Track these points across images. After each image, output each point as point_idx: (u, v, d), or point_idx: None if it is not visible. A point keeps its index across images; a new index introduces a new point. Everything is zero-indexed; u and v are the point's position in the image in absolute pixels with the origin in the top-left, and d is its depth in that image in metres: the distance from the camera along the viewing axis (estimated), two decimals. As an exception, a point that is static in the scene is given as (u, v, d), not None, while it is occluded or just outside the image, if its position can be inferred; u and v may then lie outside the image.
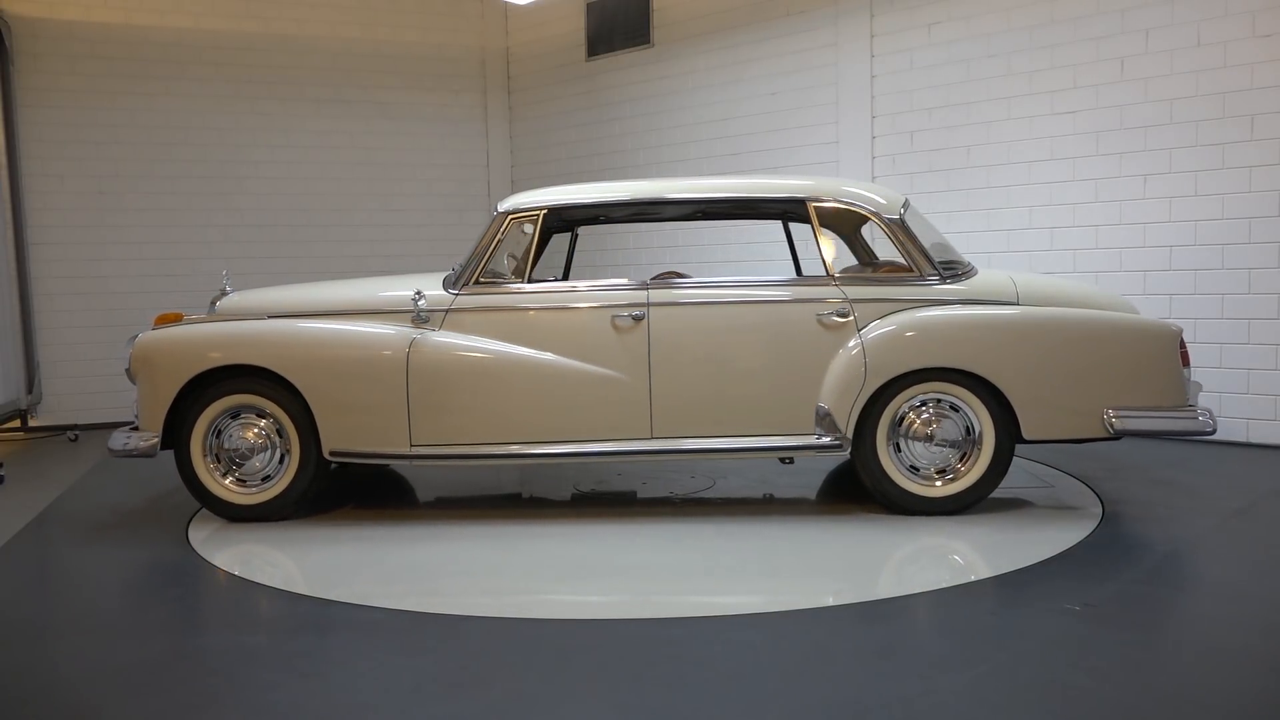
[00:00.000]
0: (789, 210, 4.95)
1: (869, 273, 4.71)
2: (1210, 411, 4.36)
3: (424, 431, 4.47)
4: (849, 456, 4.42)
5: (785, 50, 7.88)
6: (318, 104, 9.15)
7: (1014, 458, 4.40)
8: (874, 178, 7.36)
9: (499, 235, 4.63)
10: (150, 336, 4.59)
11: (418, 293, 4.60)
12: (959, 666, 2.76)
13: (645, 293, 4.51)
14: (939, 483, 4.40)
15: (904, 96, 7.22)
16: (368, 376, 4.47)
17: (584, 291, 4.59)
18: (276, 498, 4.53)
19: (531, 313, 4.56)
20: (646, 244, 8.76)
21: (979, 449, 4.36)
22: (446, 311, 4.59)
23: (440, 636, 3.12)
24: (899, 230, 4.49)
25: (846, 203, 4.60)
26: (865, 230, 5.18)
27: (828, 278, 4.48)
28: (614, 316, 4.47)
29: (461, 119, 9.70)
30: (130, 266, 8.57)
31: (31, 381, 8.07)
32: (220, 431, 4.52)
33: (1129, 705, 2.53)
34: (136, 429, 4.52)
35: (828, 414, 4.35)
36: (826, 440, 4.36)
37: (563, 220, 5.02)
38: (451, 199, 9.64)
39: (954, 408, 4.37)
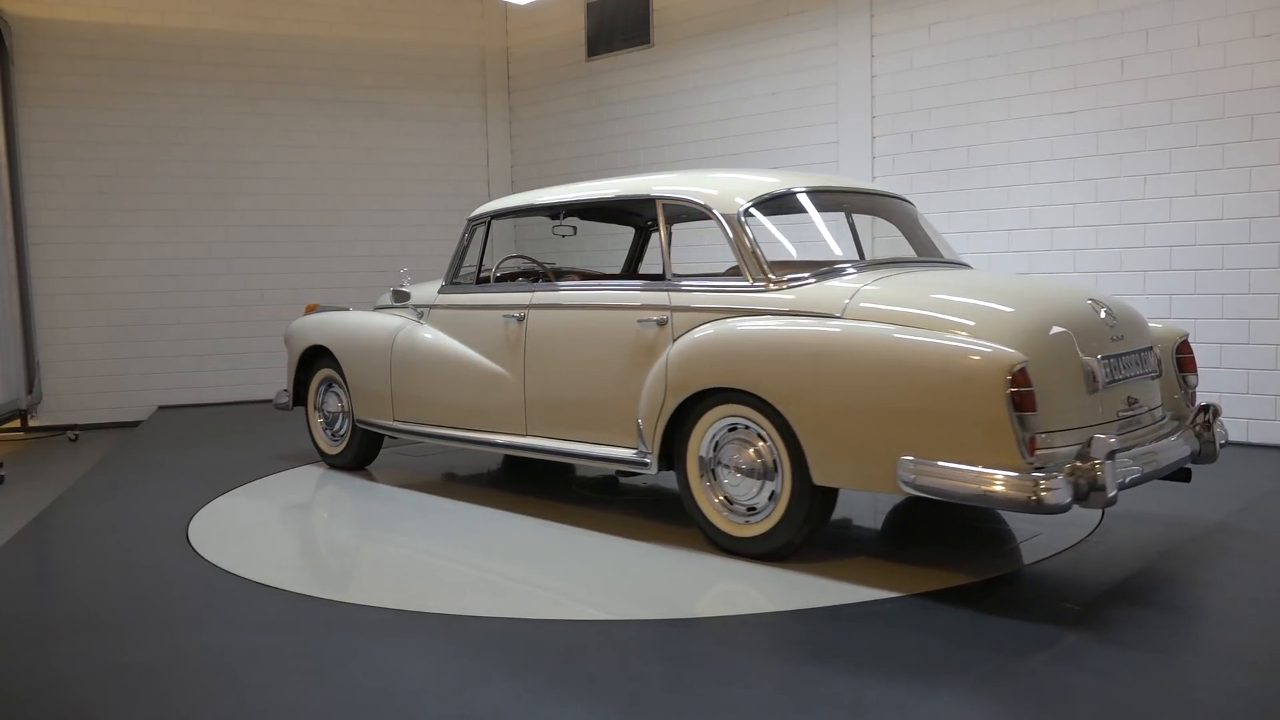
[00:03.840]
0: (646, 210, 4.69)
1: (707, 277, 4.22)
2: (1098, 479, 3.05)
3: (400, 409, 5.27)
4: (655, 475, 4.13)
5: (785, 50, 7.88)
6: (318, 104, 9.16)
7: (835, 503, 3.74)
8: (874, 178, 7.36)
9: (465, 240, 5.22)
10: (294, 322, 6.05)
11: (398, 291, 5.45)
12: (960, 667, 2.76)
13: (529, 294, 4.72)
14: (748, 521, 3.80)
15: (904, 96, 7.22)
16: (372, 358, 5.40)
17: (494, 294, 4.94)
18: (343, 451, 5.73)
19: (467, 312, 5.05)
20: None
21: (781, 487, 3.69)
22: (430, 308, 5.30)
23: (440, 636, 3.12)
24: (735, 228, 4.00)
25: (683, 198, 4.23)
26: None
27: (664, 281, 4.17)
28: (504, 316, 4.77)
29: (461, 119, 9.71)
30: (130, 266, 8.58)
31: (31, 381, 8.08)
32: (324, 394, 5.84)
33: (1129, 705, 2.53)
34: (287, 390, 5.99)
35: (640, 430, 4.06)
36: (634, 456, 4.10)
37: (507, 220, 5.46)
38: (451, 199, 9.64)
39: (762, 436, 3.73)
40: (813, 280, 3.82)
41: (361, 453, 5.67)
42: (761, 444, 3.72)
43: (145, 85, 8.57)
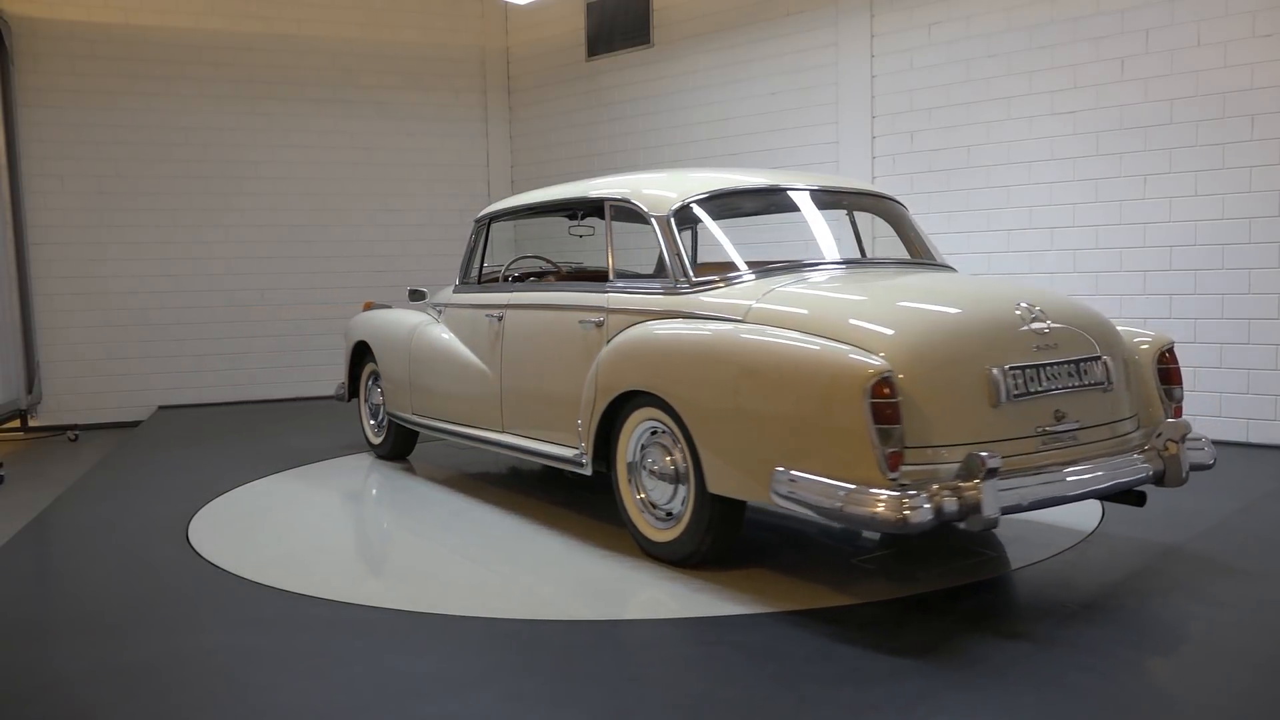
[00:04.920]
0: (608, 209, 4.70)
1: (638, 279, 4.24)
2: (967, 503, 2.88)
3: (415, 403, 5.52)
4: (590, 474, 4.13)
5: (785, 50, 7.88)
6: (318, 104, 9.16)
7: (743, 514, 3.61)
8: (874, 178, 7.36)
9: (472, 240, 5.39)
10: (351, 320, 6.39)
11: (414, 290, 6.02)
12: (958, 667, 2.76)
13: (509, 295, 4.84)
14: (664, 526, 3.76)
15: (904, 96, 7.22)
16: (395, 354, 5.72)
17: (486, 294, 5.07)
18: (383, 442, 6.05)
19: (465, 311, 5.21)
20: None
21: (688, 494, 3.61)
22: (445, 307, 5.47)
23: (440, 636, 3.12)
24: (664, 229, 3.96)
25: (621, 199, 4.25)
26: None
27: (605, 283, 4.20)
28: (485, 316, 4.95)
29: (461, 119, 9.70)
30: (130, 266, 8.58)
31: (31, 381, 8.08)
32: (370, 387, 6.19)
33: (1129, 705, 2.53)
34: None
35: (579, 431, 4.08)
36: (574, 456, 4.12)
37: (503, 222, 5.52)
38: (451, 199, 9.64)
39: (677, 441, 3.67)
40: (720, 284, 3.77)
41: (398, 445, 5.93)
42: (676, 449, 3.66)
43: (145, 85, 8.57)
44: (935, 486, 2.91)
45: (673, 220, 3.96)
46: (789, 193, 4.36)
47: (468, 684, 2.75)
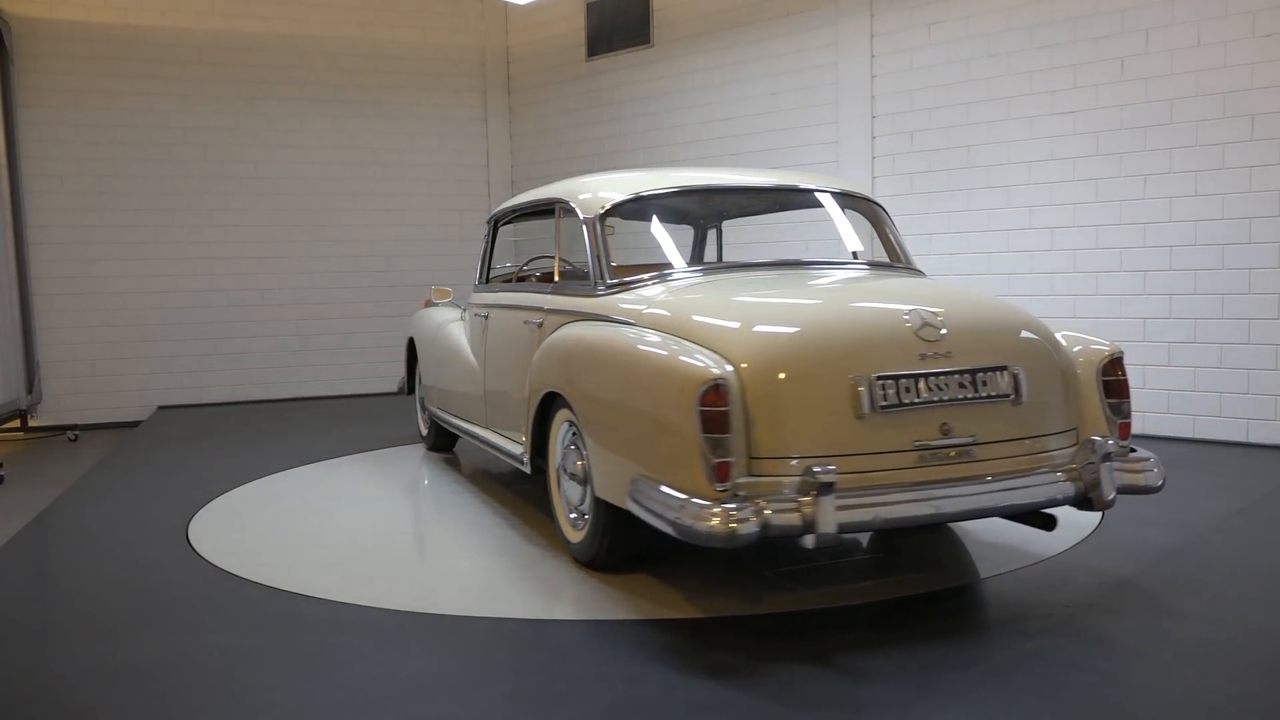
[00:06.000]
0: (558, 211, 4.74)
1: (571, 281, 4.26)
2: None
3: (437, 398, 5.78)
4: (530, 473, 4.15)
5: (785, 50, 7.88)
6: (318, 104, 9.16)
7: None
8: (874, 178, 7.37)
9: (485, 242, 5.51)
10: (412, 316, 6.53)
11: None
12: (958, 667, 2.76)
13: (496, 295, 4.97)
14: (577, 527, 3.74)
15: (904, 96, 7.22)
16: (427, 350, 5.98)
17: (487, 294, 5.16)
18: (429, 434, 6.25)
19: (471, 311, 5.38)
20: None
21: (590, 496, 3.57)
22: (467, 307, 5.59)
23: (440, 636, 3.12)
24: (589, 231, 3.99)
25: (561, 200, 4.33)
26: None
27: (549, 284, 4.27)
28: (476, 315, 5.11)
29: (461, 119, 9.70)
30: (130, 266, 8.58)
31: (31, 381, 8.08)
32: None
33: (1129, 705, 2.53)
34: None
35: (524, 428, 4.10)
36: (520, 454, 4.14)
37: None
38: (451, 199, 9.64)
39: None
40: (633, 286, 3.77)
41: (439, 438, 6.14)
42: (585, 450, 3.60)
43: (145, 85, 8.56)
44: (761, 501, 2.79)
45: (598, 222, 3.99)
46: (743, 193, 4.40)
47: (468, 684, 2.75)
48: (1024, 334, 3.30)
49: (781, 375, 2.97)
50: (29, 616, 3.43)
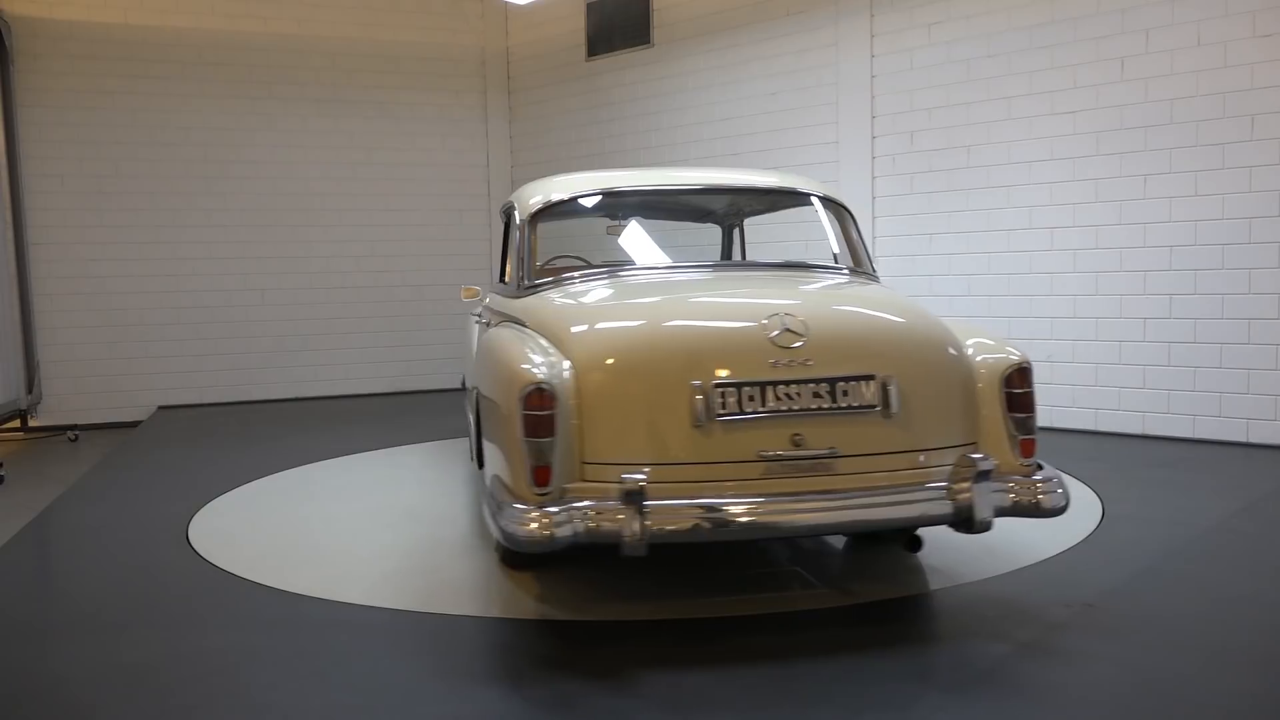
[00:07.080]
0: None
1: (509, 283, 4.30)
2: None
3: (471, 398, 5.83)
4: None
5: (785, 50, 7.88)
6: (318, 104, 9.15)
7: None
8: (874, 178, 7.37)
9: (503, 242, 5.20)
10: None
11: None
12: (958, 667, 2.76)
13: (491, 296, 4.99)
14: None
15: (904, 96, 7.22)
16: (465, 349, 5.66)
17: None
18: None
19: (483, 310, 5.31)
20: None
21: None
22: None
23: (440, 636, 3.12)
24: (520, 232, 4.03)
25: (509, 203, 4.40)
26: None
27: (507, 284, 4.30)
28: (473, 319, 5.14)
29: (461, 119, 9.70)
30: (130, 266, 8.57)
31: (31, 381, 8.08)
32: None
33: (1129, 705, 2.53)
34: None
35: None
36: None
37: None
38: (451, 199, 9.64)
39: None
40: (541, 288, 3.80)
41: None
42: None
43: (145, 85, 8.56)
44: (585, 506, 2.76)
45: (527, 224, 3.99)
46: (682, 194, 4.36)
47: (468, 684, 2.75)
48: (903, 342, 3.16)
49: (614, 379, 2.92)
50: (29, 616, 3.43)
